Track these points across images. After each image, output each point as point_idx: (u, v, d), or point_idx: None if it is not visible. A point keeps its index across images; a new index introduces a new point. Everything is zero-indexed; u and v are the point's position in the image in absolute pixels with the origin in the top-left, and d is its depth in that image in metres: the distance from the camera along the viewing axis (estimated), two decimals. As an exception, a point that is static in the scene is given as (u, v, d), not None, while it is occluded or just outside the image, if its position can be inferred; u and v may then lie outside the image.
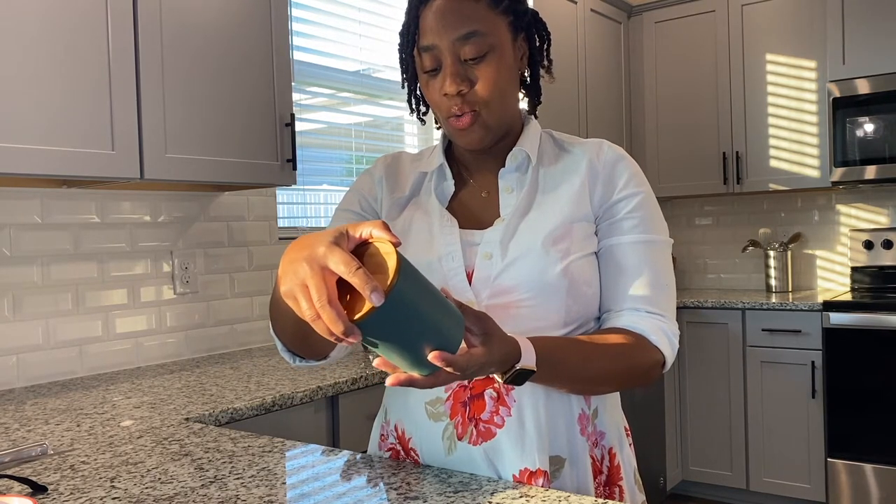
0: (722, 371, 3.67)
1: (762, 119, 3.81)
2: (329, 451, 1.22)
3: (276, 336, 1.08)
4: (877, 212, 3.85)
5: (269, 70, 2.23)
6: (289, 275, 0.78)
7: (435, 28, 1.08)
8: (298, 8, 2.80)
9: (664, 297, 1.12)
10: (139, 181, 1.93)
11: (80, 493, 1.08)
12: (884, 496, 3.23)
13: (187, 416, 1.59)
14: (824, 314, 3.36)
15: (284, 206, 2.81)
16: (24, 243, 2.04)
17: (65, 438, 1.43)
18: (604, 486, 1.15)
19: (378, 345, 0.81)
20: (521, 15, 1.14)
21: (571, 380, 1.03)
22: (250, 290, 2.62)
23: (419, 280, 0.80)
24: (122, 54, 1.85)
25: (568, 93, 3.65)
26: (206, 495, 1.04)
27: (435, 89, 1.11)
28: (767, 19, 3.77)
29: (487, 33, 1.08)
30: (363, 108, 3.12)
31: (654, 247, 1.13)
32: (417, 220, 1.17)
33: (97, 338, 2.19)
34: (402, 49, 1.15)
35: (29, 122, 1.68)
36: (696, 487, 3.85)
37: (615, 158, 1.16)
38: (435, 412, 1.11)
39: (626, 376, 1.07)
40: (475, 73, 1.09)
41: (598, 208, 1.14)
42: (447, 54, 1.08)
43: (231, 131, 2.12)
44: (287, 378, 1.99)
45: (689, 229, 4.39)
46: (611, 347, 1.06)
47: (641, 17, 4.15)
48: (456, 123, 1.11)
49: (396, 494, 0.99)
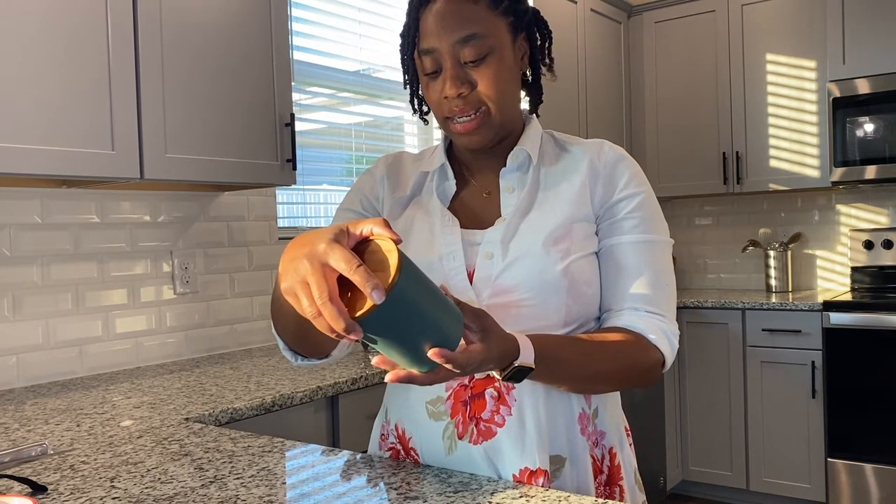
0: (722, 371, 3.67)
1: (762, 119, 3.81)
2: (329, 451, 1.22)
3: (278, 335, 1.08)
4: (877, 212, 3.85)
5: (269, 70, 2.23)
6: (289, 272, 0.78)
7: (434, 31, 1.08)
8: (298, 8, 2.80)
9: (664, 296, 1.12)
10: (139, 181, 1.93)
11: (80, 493, 1.08)
12: (884, 496, 3.23)
13: (187, 416, 1.59)
14: (824, 314, 3.36)
15: (284, 206, 2.81)
16: (24, 243, 2.04)
17: (65, 438, 1.43)
18: (604, 486, 1.15)
19: (378, 342, 0.81)
20: (522, 15, 1.14)
21: (570, 378, 1.03)
22: (250, 290, 2.62)
23: (420, 278, 0.80)
24: (122, 54, 1.85)
25: (568, 93, 3.65)
26: (206, 495, 1.04)
27: (435, 92, 1.11)
28: (767, 19, 3.77)
29: (487, 35, 1.08)
30: (363, 108, 3.12)
31: (655, 247, 1.13)
32: (419, 220, 1.17)
33: (97, 338, 2.19)
34: (403, 51, 1.15)
35: (29, 122, 1.68)
36: (696, 487, 3.85)
37: (616, 158, 1.16)
38: (436, 411, 1.11)
39: (625, 375, 1.07)
40: (475, 76, 1.09)
41: (598, 208, 1.14)
42: (447, 57, 1.08)
43: (231, 131, 2.12)
44: (287, 378, 1.99)
45: (689, 229, 4.39)
46: (610, 346, 1.06)
47: (641, 17, 4.15)
48: (456, 126, 1.11)
49: (396, 494, 0.99)
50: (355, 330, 0.75)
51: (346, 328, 0.74)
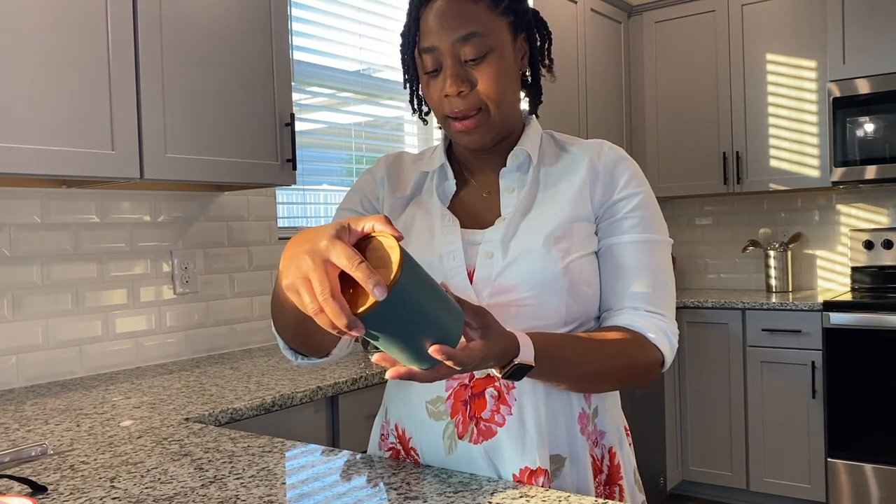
0: (722, 371, 3.67)
1: (762, 119, 3.81)
2: (329, 451, 1.22)
3: (278, 334, 1.08)
4: (877, 212, 3.85)
5: (269, 70, 2.23)
6: (291, 269, 0.78)
7: (435, 29, 1.08)
8: (298, 8, 2.80)
9: (664, 296, 1.12)
10: (139, 181, 1.93)
11: (79, 493, 1.08)
12: (884, 496, 3.23)
13: (187, 416, 1.59)
14: (824, 314, 3.36)
15: (284, 206, 2.81)
16: (24, 243, 2.04)
17: (65, 438, 1.43)
18: (604, 486, 1.15)
19: (379, 338, 0.81)
20: (522, 15, 1.14)
21: (570, 376, 1.03)
22: (250, 290, 2.62)
23: (421, 274, 0.80)
24: (122, 54, 1.85)
25: (568, 93, 3.65)
26: (205, 495, 1.04)
27: (436, 90, 1.11)
28: (767, 19, 3.77)
29: (487, 34, 1.08)
30: (363, 108, 3.12)
31: (654, 246, 1.13)
32: (419, 220, 1.17)
33: (97, 338, 2.19)
34: (404, 50, 1.15)
35: (29, 122, 1.68)
36: (696, 487, 3.85)
37: (615, 159, 1.16)
38: (436, 411, 1.11)
39: (624, 374, 1.07)
40: (476, 74, 1.09)
41: (598, 208, 1.14)
42: (447, 55, 1.09)
43: (231, 131, 2.12)
44: (287, 378, 1.99)
45: (689, 229, 4.39)
46: (610, 345, 1.06)
47: (641, 17, 4.15)
48: (456, 125, 1.11)
49: (396, 494, 0.99)
50: (357, 326, 0.75)
51: (347, 324, 0.74)
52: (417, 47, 1.12)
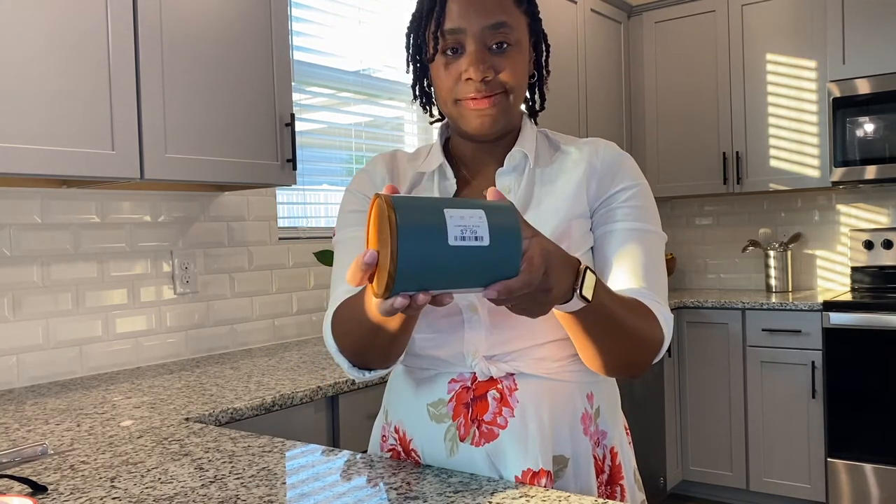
0: (722, 371, 3.67)
1: (762, 119, 3.81)
2: (329, 451, 1.22)
3: (341, 352, 1.07)
4: (877, 212, 3.85)
5: (269, 70, 2.23)
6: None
7: (465, 12, 1.08)
8: (298, 8, 2.80)
9: (657, 283, 1.10)
10: (139, 181, 1.93)
11: (80, 493, 1.08)
12: (884, 496, 3.23)
13: (187, 416, 1.59)
14: (824, 314, 3.36)
15: (284, 206, 2.81)
16: (24, 243, 2.04)
17: (65, 438, 1.42)
18: (605, 486, 1.15)
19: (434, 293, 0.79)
20: (536, 20, 1.17)
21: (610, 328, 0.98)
22: (250, 290, 2.62)
23: (430, 236, 0.76)
24: (122, 54, 1.85)
25: (568, 93, 3.65)
26: (206, 495, 1.04)
27: (453, 72, 1.10)
28: (767, 19, 3.77)
29: (514, 27, 1.10)
30: (363, 108, 3.12)
31: (648, 236, 1.12)
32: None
33: (97, 338, 2.19)
34: (416, 32, 1.14)
35: (29, 122, 1.68)
36: (696, 487, 3.85)
37: (613, 155, 1.16)
38: (437, 413, 1.10)
39: (642, 339, 1.02)
40: (499, 62, 1.09)
41: (593, 202, 1.13)
42: (474, 40, 1.08)
43: (231, 131, 2.11)
44: (287, 378, 1.99)
45: (689, 229, 4.39)
46: (637, 306, 1.03)
47: (641, 17, 4.15)
48: (471, 104, 1.09)
49: (396, 494, 0.99)
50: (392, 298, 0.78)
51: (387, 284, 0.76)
52: (440, 28, 1.10)
